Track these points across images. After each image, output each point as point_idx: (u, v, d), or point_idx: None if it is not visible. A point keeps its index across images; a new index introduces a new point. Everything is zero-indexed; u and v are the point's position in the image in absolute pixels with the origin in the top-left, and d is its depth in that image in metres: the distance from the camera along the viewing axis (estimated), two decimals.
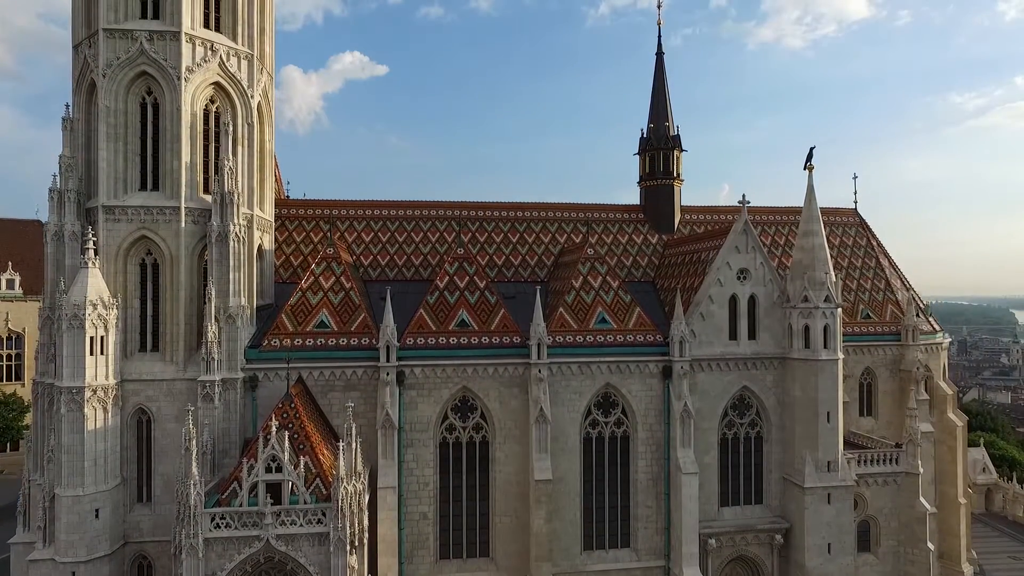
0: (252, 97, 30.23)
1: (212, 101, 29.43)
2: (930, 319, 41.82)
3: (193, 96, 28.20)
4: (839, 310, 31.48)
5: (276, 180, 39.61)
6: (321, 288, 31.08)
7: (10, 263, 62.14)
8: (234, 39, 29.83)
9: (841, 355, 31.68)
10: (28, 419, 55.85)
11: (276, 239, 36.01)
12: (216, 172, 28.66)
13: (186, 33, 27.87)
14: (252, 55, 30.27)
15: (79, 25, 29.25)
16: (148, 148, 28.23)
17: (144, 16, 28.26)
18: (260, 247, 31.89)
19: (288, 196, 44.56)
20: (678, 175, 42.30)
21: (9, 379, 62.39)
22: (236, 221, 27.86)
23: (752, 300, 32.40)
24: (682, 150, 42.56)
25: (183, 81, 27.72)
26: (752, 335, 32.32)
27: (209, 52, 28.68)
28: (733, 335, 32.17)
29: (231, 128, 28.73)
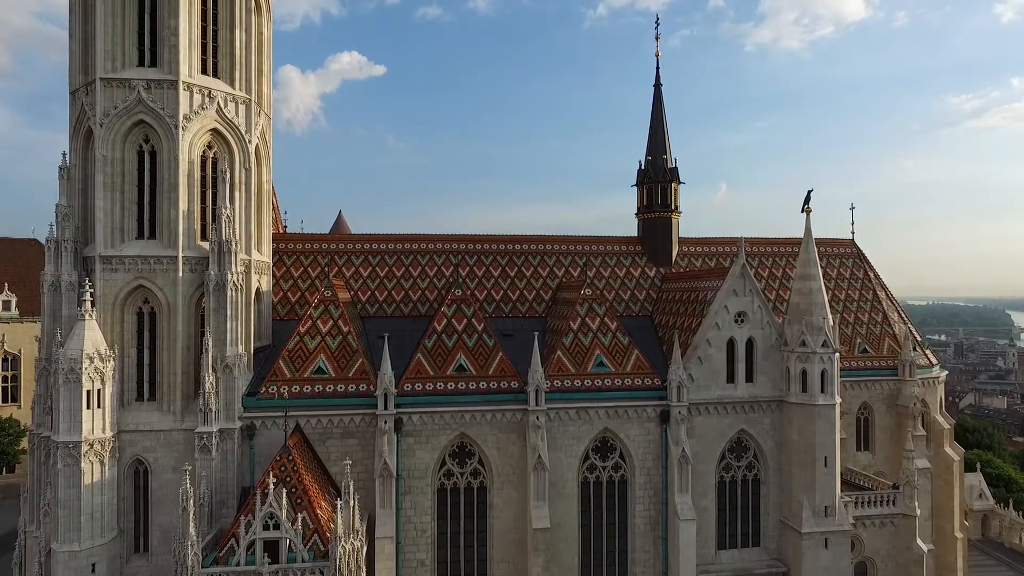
0: (250, 142, 30.17)
1: (210, 147, 29.35)
2: (927, 352, 41.95)
3: (191, 144, 28.13)
4: (837, 355, 31.52)
5: (274, 209, 39.62)
6: (319, 332, 31.03)
7: (6, 284, 61.93)
8: (232, 84, 29.77)
9: (839, 399, 31.73)
10: (25, 443, 55.72)
11: (274, 274, 35.94)
12: (214, 219, 28.59)
13: (184, 82, 27.79)
14: (250, 100, 30.21)
15: (76, 71, 29.14)
16: (145, 196, 28.15)
17: (142, 63, 28.19)
18: (258, 289, 31.83)
19: (286, 223, 44.63)
20: (676, 207, 42.34)
21: (5, 401, 62.20)
22: (234, 269, 27.80)
23: (750, 343, 32.43)
24: (680, 182, 42.61)
25: (180, 130, 27.65)
26: (749, 378, 32.36)
27: (207, 99, 28.62)
28: (731, 378, 32.21)
29: (229, 176, 28.68)
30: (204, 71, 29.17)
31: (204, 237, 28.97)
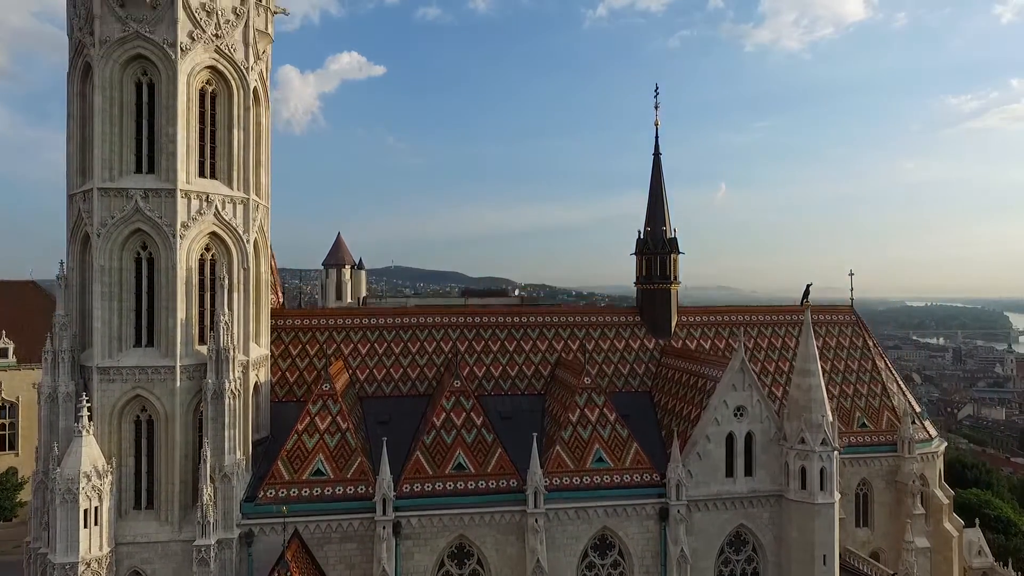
0: (248, 241, 30.07)
1: (207, 249, 29.25)
2: (925, 424, 41.96)
3: (188, 251, 28.03)
4: (836, 453, 31.49)
5: (272, 273, 39.22)
6: (317, 430, 30.92)
7: (3, 331, 61.74)
8: (230, 184, 29.67)
9: (838, 495, 31.73)
10: (23, 495, 55.57)
11: (272, 352, 35.81)
12: (212, 321, 28.51)
13: (182, 190, 27.69)
14: (247, 199, 30.09)
15: (74, 173, 29.04)
16: (143, 303, 28.06)
17: (139, 170, 28.08)
18: (256, 383, 31.72)
19: (283, 296, 44.51)
20: (675, 278, 42.29)
21: (3, 448, 62.00)
22: (232, 377, 27.73)
23: (749, 437, 32.39)
24: (679, 253, 42.56)
25: (178, 238, 27.54)
26: (749, 471, 32.32)
27: (204, 204, 28.52)
28: (730, 472, 32.17)
29: (227, 282, 28.58)
30: (202, 174, 29.06)
31: (202, 340, 28.88)
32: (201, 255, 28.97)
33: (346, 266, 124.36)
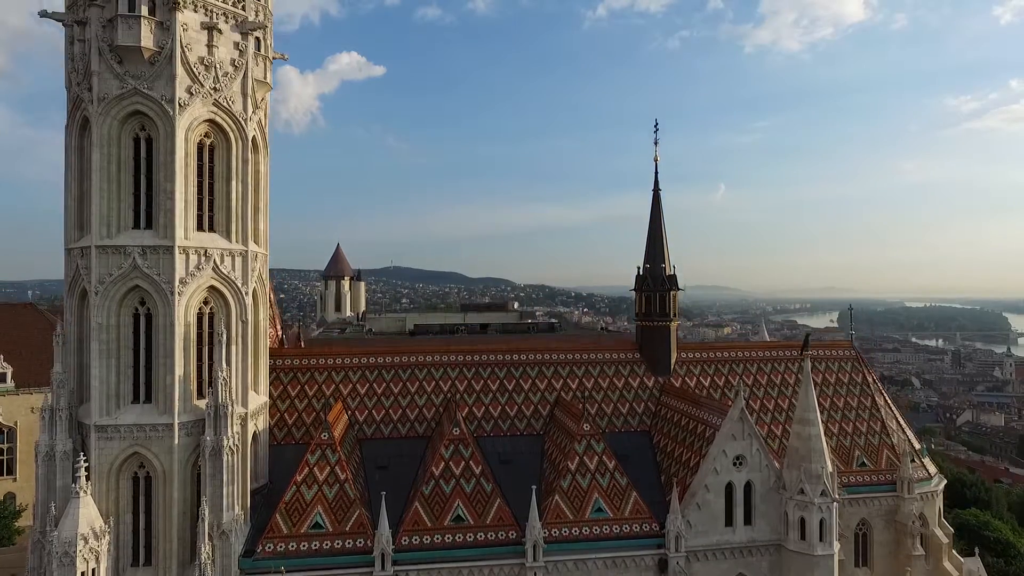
0: (246, 293, 30.00)
1: (206, 303, 29.17)
2: (924, 462, 41.93)
3: (186, 308, 27.95)
4: (836, 504, 31.46)
5: (272, 312, 39.06)
6: (316, 481, 30.83)
7: (1, 356, 61.59)
8: (228, 236, 29.59)
9: (837, 545, 31.72)
10: (20, 522, 55.42)
11: (271, 394, 35.70)
12: (210, 375, 28.44)
13: (179, 247, 27.60)
14: (246, 251, 30.01)
15: (71, 226, 28.98)
16: (140, 359, 27.98)
17: (137, 226, 27.99)
18: (255, 432, 31.65)
19: (283, 335, 44.39)
20: (675, 315, 42.25)
21: (1, 474, 61.86)
22: (230, 433, 27.66)
23: (748, 486, 32.35)
24: (678, 289, 42.53)
25: (176, 295, 27.46)
26: (748, 520, 32.29)
27: (203, 259, 28.44)
28: (729, 521, 32.14)
29: (225, 336, 28.49)
30: (200, 227, 28.98)
31: (201, 394, 28.82)
32: (199, 308, 28.90)
33: (345, 277, 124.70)
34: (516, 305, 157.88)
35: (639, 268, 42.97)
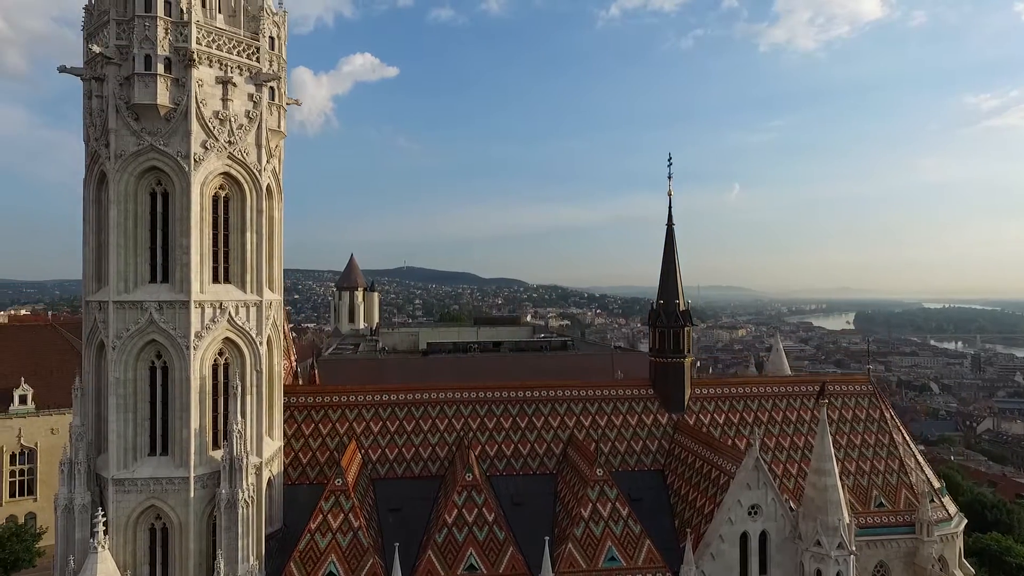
0: (261, 343, 30.19)
1: (221, 353, 29.40)
2: (944, 502, 41.27)
3: (201, 361, 28.19)
4: (852, 557, 31.08)
5: (286, 344, 39.19)
6: (329, 528, 30.94)
7: (22, 378, 62.54)
8: (243, 288, 29.81)
9: None
10: (41, 543, 56.06)
11: (285, 433, 35.93)
12: (225, 431, 28.64)
13: (195, 300, 27.84)
14: (260, 301, 30.20)
15: (90, 277, 29.34)
16: (157, 411, 28.27)
17: (154, 279, 28.27)
18: (270, 479, 31.86)
19: (296, 369, 44.65)
20: (688, 351, 41.97)
21: (21, 494, 62.87)
22: (245, 486, 27.87)
23: (763, 535, 32.07)
24: (692, 325, 42.25)
25: (192, 350, 27.70)
26: (763, 570, 31.99)
27: (218, 312, 28.67)
28: (744, 572, 31.85)
29: (239, 389, 28.71)
30: (215, 279, 29.21)
31: (216, 445, 29.06)
32: (215, 360, 29.13)
33: (359, 288, 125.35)
34: (529, 317, 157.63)
35: (652, 304, 42.76)
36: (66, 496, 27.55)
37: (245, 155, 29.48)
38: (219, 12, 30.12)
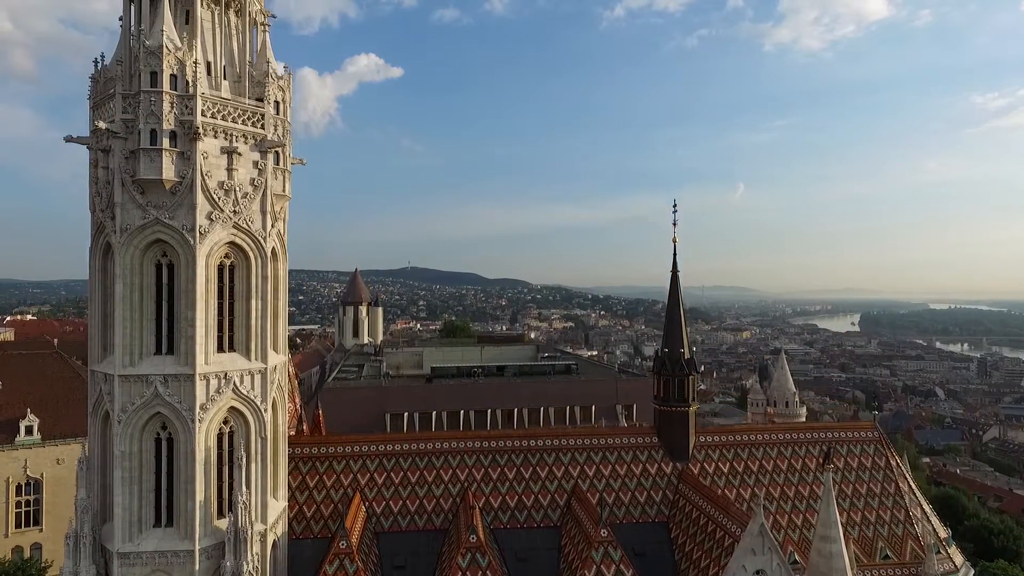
0: (265, 411, 30.25)
1: (225, 422, 29.47)
2: (951, 552, 41.11)
3: (206, 433, 28.26)
4: None
5: (291, 386, 39.13)
6: None
7: (28, 409, 62.78)
8: (248, 356, 29.85)
9: None
10: (50, 572, 56.24)
11: (289, 485, 35.98)
12: (230, 502, 28.70)
13: (200, 373, 27.89)
14: (265, 368, 30.26)
15: (96, 345, 29.48)
16: (162, 482, 28.35)
17: (159, 351, 28.33)
18: (274, 541, 31.93)
19: (301, 413, 44.70)
20: (693, 399, 41.89)
21: (28, 525, 63.17)
22: (249, 557, 27.94)
23: None
24: (696, 373, 42.18)
25: (197, 422, 27.77)
26: None
27: (223, 382, 28.72)
28: None
29: (244, 459, 28.77)
30: (220, 348, 29.26)
31: (221, 513, 29.12)
32: (219, 428, 29.20)
33: (363, 303, 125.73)
34: (533, 335, 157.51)
35: (656, 351, 42.71)
36: (71, 570, 27.66)
37: (250, 223, 29.52)
38: (224, 79, 30.21)
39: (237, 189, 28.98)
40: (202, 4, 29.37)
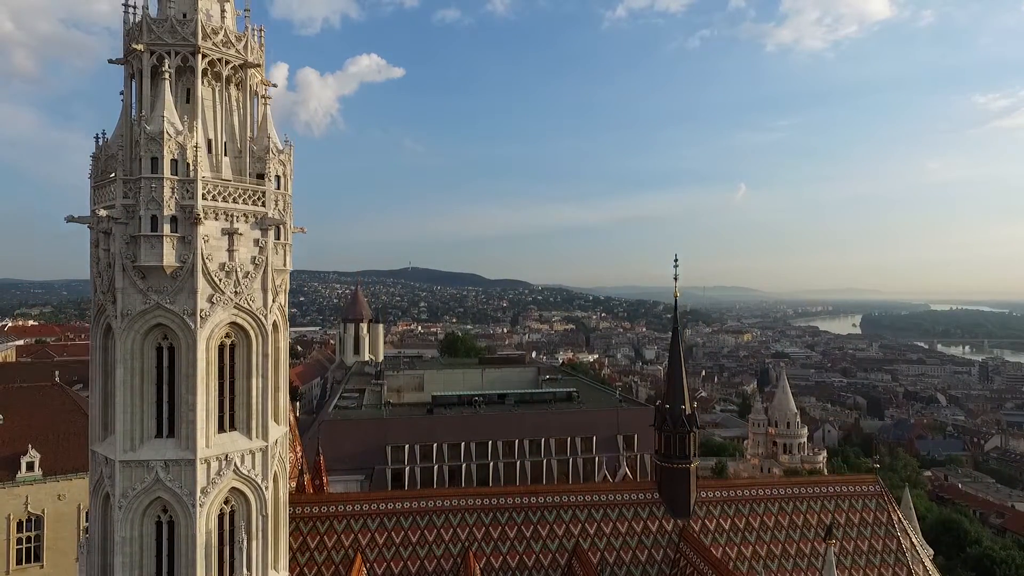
0: (266, 488, 30.21)
1: (226, 502, 29.42)
2: None
3: (207, 517, 28.21)
4: None
5: (294, 441, 39.19)
6: None
7: (30, 445, 62.77)
8: (248, 435, 29.79)
9: None
10: None
11: (291, 546, 36.00)
12: (231, 570, 28.74)
13: (201, 458, 27.86)
14: (267, 445, 30.22)
15: (97, 424, 29.43)
16: (163, 568, 28.31)
17: (159, 434, 28.29)
18: None
19: (302, 466, 44.67)
20: (694, 455, 41.86)
21: (29, 561, 63.20)
22: None
23: None
24: (698, 429, 42.13)
25: (197, 507, 27.74)
26: None
27: (223, 465, 28.68)
28: None
29: (245, 544, 28.76)
30: (221, 428, 29.21)
31: None
32: (220, 509, 29.17)
33: (364, 321, 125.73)
34: (534, 354, 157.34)
35: (657, 405, 42.64)
36: None
37: (251, 302, 29.45)
38: (225, 155, 30.17)
39: (238, 269, 28.91)
40: (203, 82, 29.29)
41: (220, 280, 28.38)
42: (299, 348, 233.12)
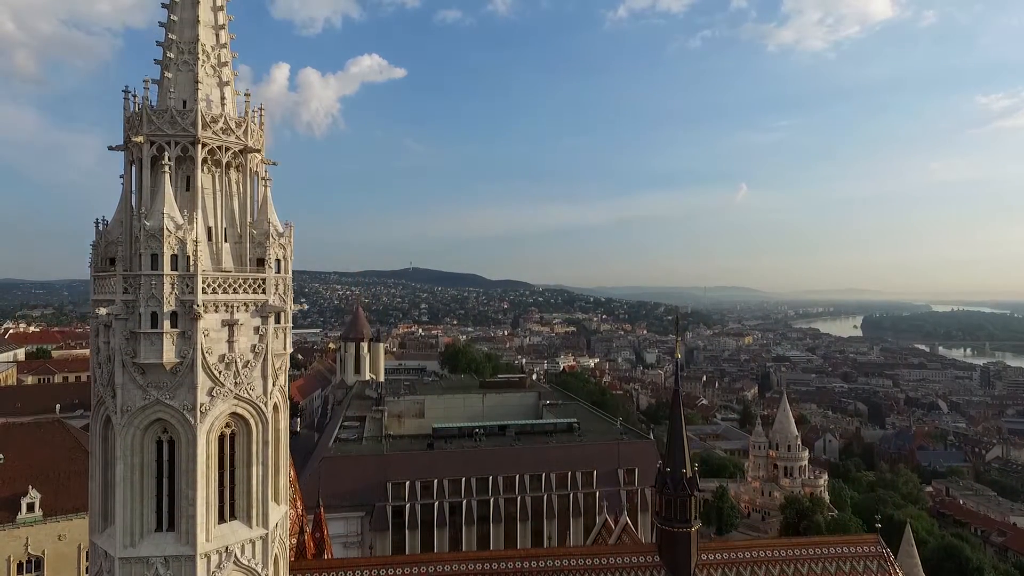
0: (267, 575, 30.15)
1: None
2: None
3: None
4: None
5: (294, 497, 39.13)
6: None
7: (30, 486, 62.73)
8: (248, 523, 29.68)
9: None
10: None
11: None
12: None
13: (201, 553, 27.79)
14: (267, 533, 30.14)
15: (97, 513, 29.34)
16: None
17: (159, 527, 28.21)
18: None
19: (303, 523, 44.61)
20: (695, 518, 41.74)
21: None
22: None
23: None
24: (699, 492, 42.01)
25: None
26: None
27: (224, 557, 28.60)
28: None
29: None
30: (221, 518, 29.11)
31: None
32: None
33: (364, 340, 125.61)
34: (534, 376, 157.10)
35: (659, 467, 42.55)
36: None
37: (251, 391, 29.35)
38: (225, 241, 30.06)
39: (238, 360, 28.80)
40: (203, 169, 29.18)
41: (220, 372, 28.28)
42: (299, 357, 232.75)
